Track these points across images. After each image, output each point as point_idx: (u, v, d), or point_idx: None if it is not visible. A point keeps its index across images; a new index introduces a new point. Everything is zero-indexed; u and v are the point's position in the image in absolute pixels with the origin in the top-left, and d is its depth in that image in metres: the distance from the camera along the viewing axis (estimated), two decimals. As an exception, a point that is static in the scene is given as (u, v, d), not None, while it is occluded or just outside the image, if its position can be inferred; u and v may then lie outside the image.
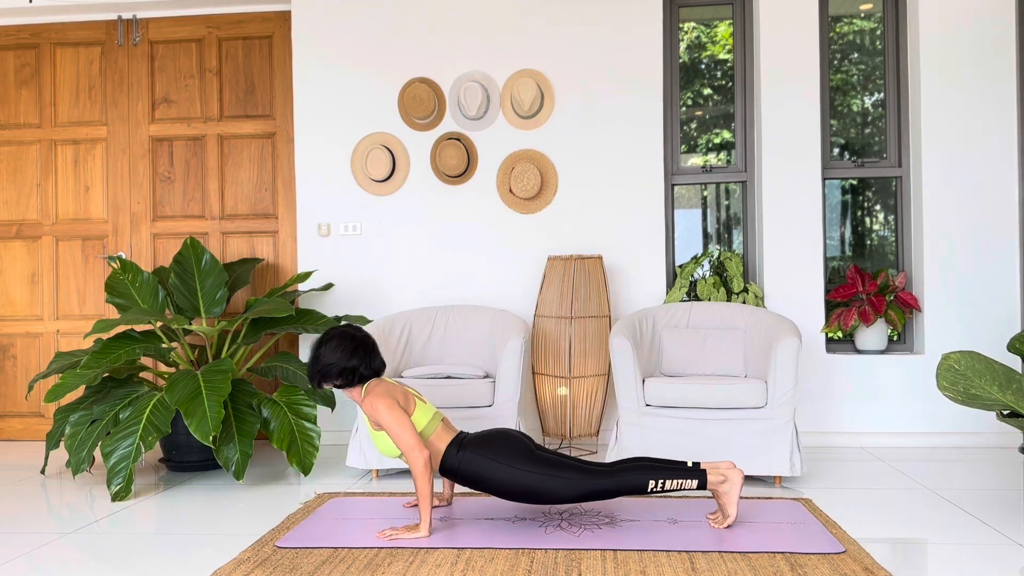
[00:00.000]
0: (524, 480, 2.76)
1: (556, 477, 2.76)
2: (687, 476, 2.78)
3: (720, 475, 2.81)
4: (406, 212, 4.56)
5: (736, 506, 2.80)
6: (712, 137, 4.68)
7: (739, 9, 4.57)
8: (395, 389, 2.88)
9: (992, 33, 4.30)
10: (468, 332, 4.12)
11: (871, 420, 4.34)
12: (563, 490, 2.77)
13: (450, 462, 2.84)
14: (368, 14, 4.56)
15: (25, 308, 4.90)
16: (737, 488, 2.80)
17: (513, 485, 2.77)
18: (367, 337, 2.94)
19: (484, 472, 2.79)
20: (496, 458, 2.78)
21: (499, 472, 2.77)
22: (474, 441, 2.85)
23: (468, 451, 2.81)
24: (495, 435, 2.87)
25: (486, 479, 2.79)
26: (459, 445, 2.85)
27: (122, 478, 3.37)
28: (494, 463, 2.78)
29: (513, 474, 2.76)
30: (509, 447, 2.81)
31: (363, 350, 2.89)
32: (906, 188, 4.49)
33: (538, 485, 2.76)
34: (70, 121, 4.87)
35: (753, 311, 3.91)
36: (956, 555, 2.60)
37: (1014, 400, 2.79)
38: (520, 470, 2.76)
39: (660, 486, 2.77)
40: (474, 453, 2.80)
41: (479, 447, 2.82)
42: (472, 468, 2.80)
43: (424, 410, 2.89)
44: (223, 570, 2.47)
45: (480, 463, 2.79)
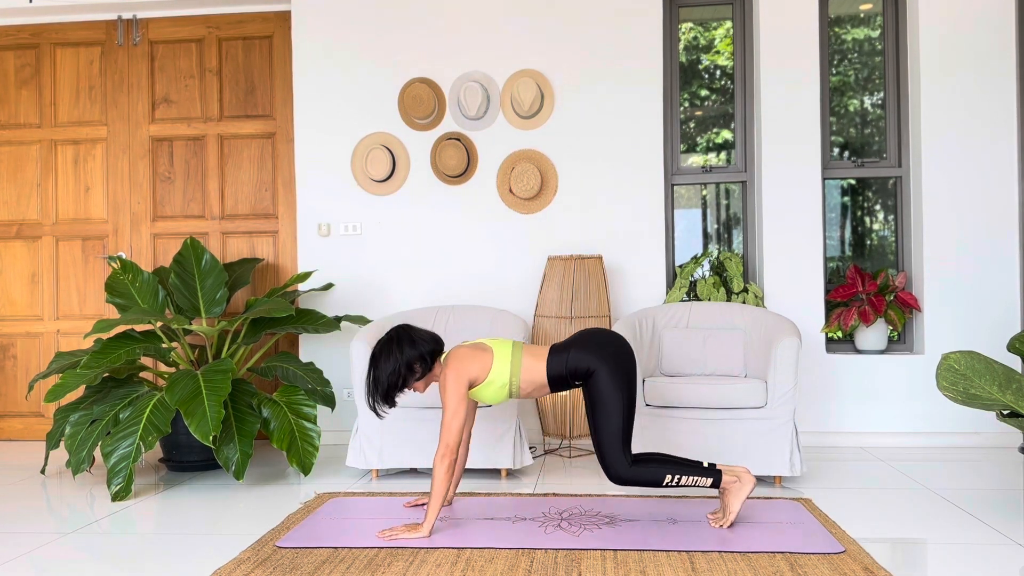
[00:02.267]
0: (609, 396, 2.79)
1: (620, 423, 2.79)
2: (703, 474, 2.80)
3: (733, 476, 2.83)
4: (406, 212, 4.56)
5: (739, 505, 2.81)
6: (712, 137, 4.68)
7: (739, 9, 4.57)
8: (470, 360, 2.84)
9: (992, 33, 4.30)
10: (468, 332, 4.11)
11: (871, 420, 4.34)
12: (610, 438, 2.79)
13: (555, 369, 2.85)
14: (368, 14, 4.56)
15: (25, 308, 4.90)
16: (747, 489, 2.81)
17: (600, 390, 2.80)
18: (402, 329, 2.89)
19: (589, 364, 2.81)
20: (603, 358, 2.82)
21: (601, 371, 2.80)
22: (578, 342, 2.87)
23: (573, 351, 2.84)
24: (601, 337, 2.90)
25: (588, 370, 2.82)
26: (563, 350, 2.87)
27: (122, 478, 3.37)
28: (601, 361, 2.81)
29: (605, 381, 2.80)
30: (616, 356, 2.84)
31: (407, 341, 2.85)
32: (906, 188, 4.49)
33: (609, 411, 2.79)
34: (70, 121, 4.87)
35: (753, 311, 3.91)
36: (956, 555, 2.60)
37: (1014, 400, 2.79)
38: (613, 384, 2.80)
39: (676, 481, 2.79)
40: (579, 352, 2.84)
41: (584, 347, 2.85)
42: (581, 364, 2.83)
43: (501, 346, 2.89)
44: (223, 570, 2.47)
45: (588, 359, 2.82)
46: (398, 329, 2.89)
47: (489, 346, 2.90)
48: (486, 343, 2.92)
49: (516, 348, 2.90)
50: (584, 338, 2.90)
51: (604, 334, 2.93)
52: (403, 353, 2.82)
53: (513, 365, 2.86)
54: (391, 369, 2.81)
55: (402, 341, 2.84)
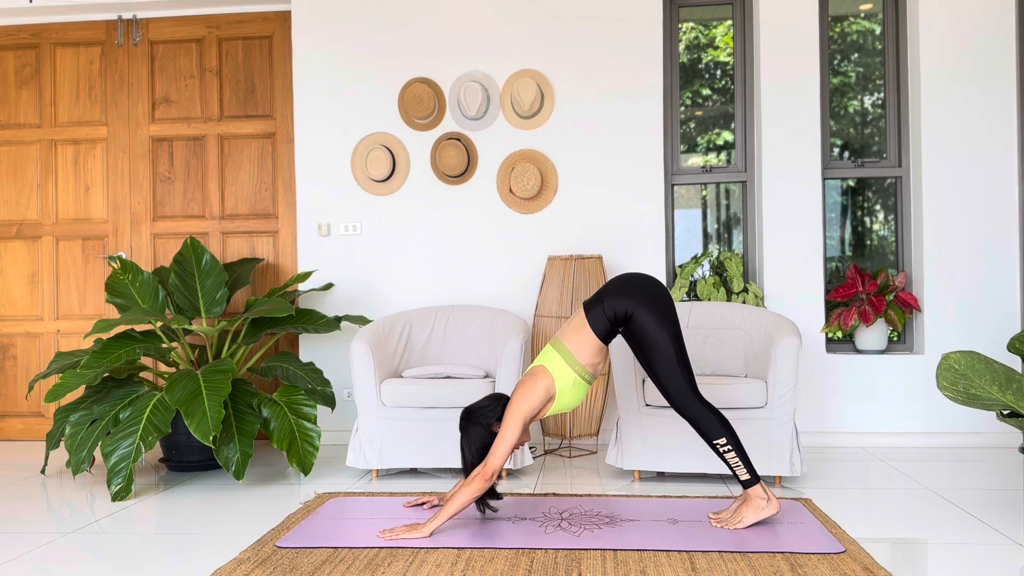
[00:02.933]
0: (656, 333, 2.81)
1: (675, 356, 2.81)
2: (748, 466, 2.81)
3: (765, 494, 2.83)
4: (406, 212, 4.56)
5: (753, 522, 2.81)
6: (712, 137, 4.68)
7: (739, 9, 4.57)
8: (530, 398, 2.84)
9: (992, 32, 4.30)
10: (468, 332, 4.12)
11: (871, 420, 4.34)
12: (669, 369, 2.81)
13: (599, 326, 2.86)
14: (368, 14, 4.56)
15: (25, 308, 4.90)
16: (768, 512, 2.82)
17: (644, 329, 2.82)
18: (466, 411, 2.94)
19: (626, 308, 2.83)
20: (638, 299, 2.84)
21: (639, 311, 2.82)
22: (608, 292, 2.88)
23: (606, 300, 2.85)
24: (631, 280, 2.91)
25: (627, 315, 2.84)
26: (595, 304, 2.87)
27: (122, 478, 3.37)
28: (637, 303, 2.83)
29: (647, 320, 2.81)
30: (650, 295, 2.85)
31: (473, 419, 2.90)
32: (906, 188, 4.49)
33: (662, 347, 2.81)
34: (70, 121, 4.87)
35: (753, 311, 3.91)
36: (956, 555, 2.60)
37: (1014, 400, 2.79)
38: (659, 322, 2.81)
39: (725, 449, 2.81)
40: (611, 299, 2.85)
41: (616, 293, 2.86)
42: (617, 310, 2.84)
43: (548, 356, 2.89)
44: (223, 570, 2.47)
45: (622, 303, 2.84)
46: (466, 411, 2.94)
47: (539, 365, 2.90)
48: (536, 365, 2.92)
49: (557, 343, 2.90)
50: (614, 285, 2.91)
51: (632, 276, 2.94)
52: (477, 432, 2.88)
53: (568, 361, 2.86)
54: (475, 449, 2.88)
55: (471, 421, 2.90)
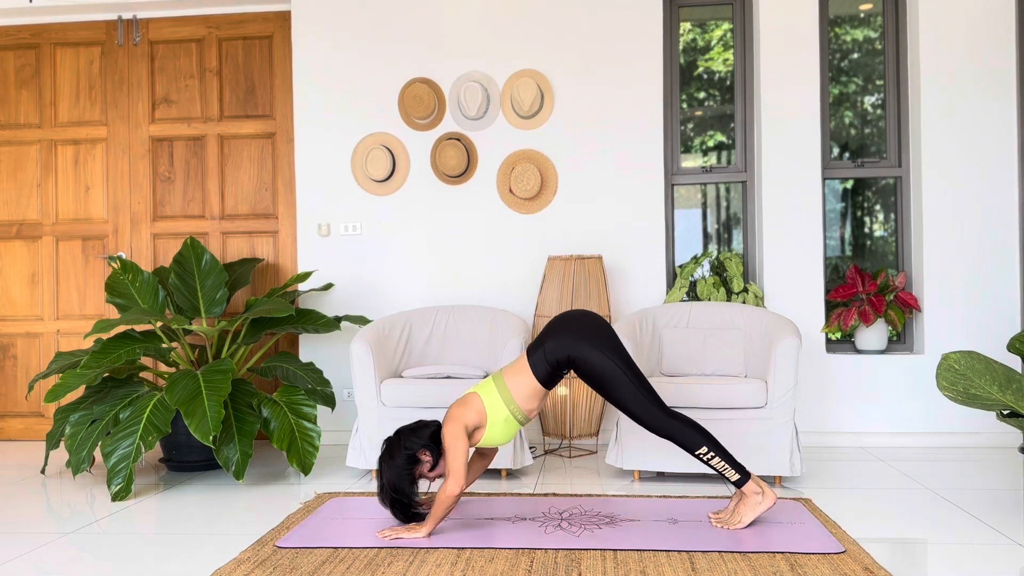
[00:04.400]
0: (603, 366, 2.81)
1: (631, 382, 2.81)
2: (734, 466, 2.81)
3: (760, 488, 2.83)
4: (406, 212, 4.56)
5: (753, 519, 2.81)
6: (712, 137, 4.68)
7: (739, 9, 4.57)
8: (465, 412, 2.82)
9: (992, 32, 4.30)
10: (468, 332, 4.12)
11: (871, 420, 4.34)
12: (631, 397, 2.81)
13: (540, 371, 2.85)
14: (368, 14, 4.56)
15: (25, 308, 4.90)
16: (766, 506, 2.81)
17: (592, 366, 2.82)
18: (390, 438, 2.87)
19: (568, 353, 2.83)
20: (577, 338, 2.83)
21: (582, 351, 2.82)
22: (547, 335, 2.87)
23: (547, 344, 2.85)
24: (567, 320, 2.91)
25: (570, 359, 2.83)
26: (537, 348, 2.86)
27: (122, 478, 3.37)
28: (577, 343, 2.82)
29: (592, 355, 2.81)
30: (589, 330, 2.85)
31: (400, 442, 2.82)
32: (906, 188, 4.49)
33: (614, 378, 2.81)
34: (70, 121, 4.87)
35: (753, 311, 3.91)
36: (956, 555, 2.60)
37: (1014, 400, 2.79)
38: (604, 355, 2.81)
39: (709, 457, 2.80)
40: (552, 343, 2.84)
41: (555, 336, 2.85)
42: (559, 355, 2.83)
43: (485, 387, 2.87)
44: (223, 570, 2.47)
45: (563, 347, 2.83)
46: (395, 434, 2.87)
47: (473, 393, 2.89)
48: (469, 392, 2.91)
49: (498, 378, 2.89)
50: (553, 327, 2.91)
51: (568, 317, 2.94)
52: (401, 451, 2.79)
53: (503, 395, 2.85)
54: (394, 473, 2.78)
55: (396, 443, 2.83)
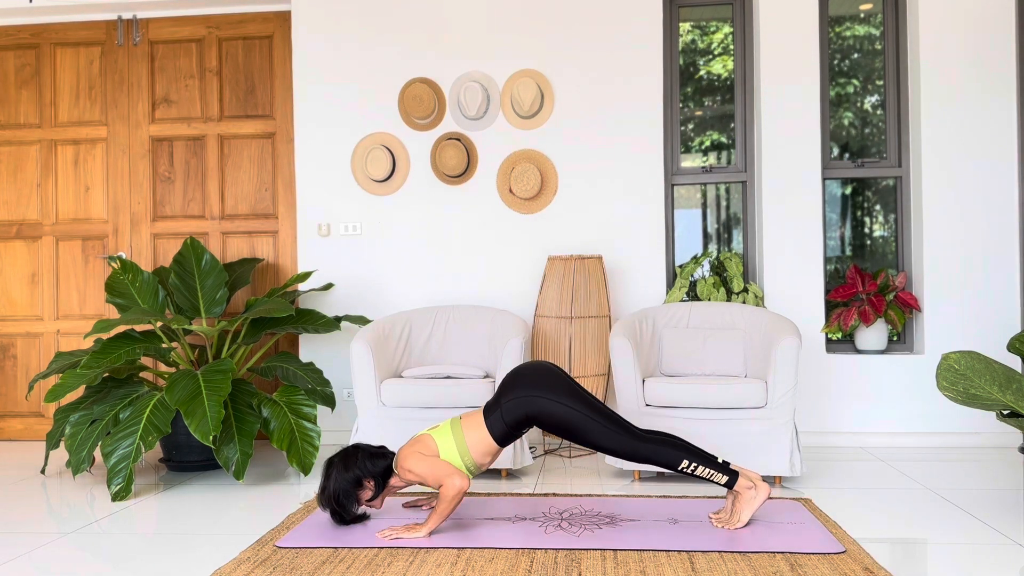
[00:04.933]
0: (565, 415, 2.79)
1: (596, 421, 2.79)
2: (719, 470, 2.80)
3: (750, 482, 2.82)
4: (406, 212, 4.56)
5: (751, 515, 2.81)
6: (712, 137, 4.68)
7: (739, 9, 4.57)
8: (415, 448, 2.83)
9: (992, 32, 4.30)
10: (468, 332, 4.12)
11: (871, 420, 4.34)
12: (600, 435, 2.79)
13: (498, 430, 2.83)
14: (368, 14, 4.56)
15: (25, 308, 4.90)
16: (761, 500, 2.81)
17: (554, 418, 2.80)
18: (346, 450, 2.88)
19: (526, 411, 2.80)
20: (533, 395, 2.80)
21: (540, 406, 2.79)
22: (502, 392, 2.86)
23: (504, 404, 2.82)
24: (521, 374, 2.88)
25: (529, 417, 2.81)
26: (493, 408, 2.84)
27: (122, 478, 3.37)
28: (533, 399, 2.80)
29: (553, 408, 2.79)
30: (544, 382, 2.83)
31: (355, 457, 2.84)
32: (906, 188, 4.49)
33: (578, 423, 2.79)
34: (70, 121, 4.87)
35: (753, 311, 3.91)
36: (956, 555, 2.60)
37: (1014, 400, 2.79)
38: (560, 404, 2.79)
39: (691, 469, 2.79)
40: (508, 402, 2.82)
41: (510, 393, 2.83)
42: (516, 414, 2.81)
43: (441, 431, 2.85)
44: (223, 570, 2.47)
45: (520, 405, 2.81)
46: (346, 449, 2.88)
47: (428, 435, 2.87)
48: (422, 434, 2.89)
49: (454, 425, 2.87)
50: (508, 384, 2.87)
51: (521, 372, 2.90)
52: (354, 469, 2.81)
53: (457, 441, 2.83)
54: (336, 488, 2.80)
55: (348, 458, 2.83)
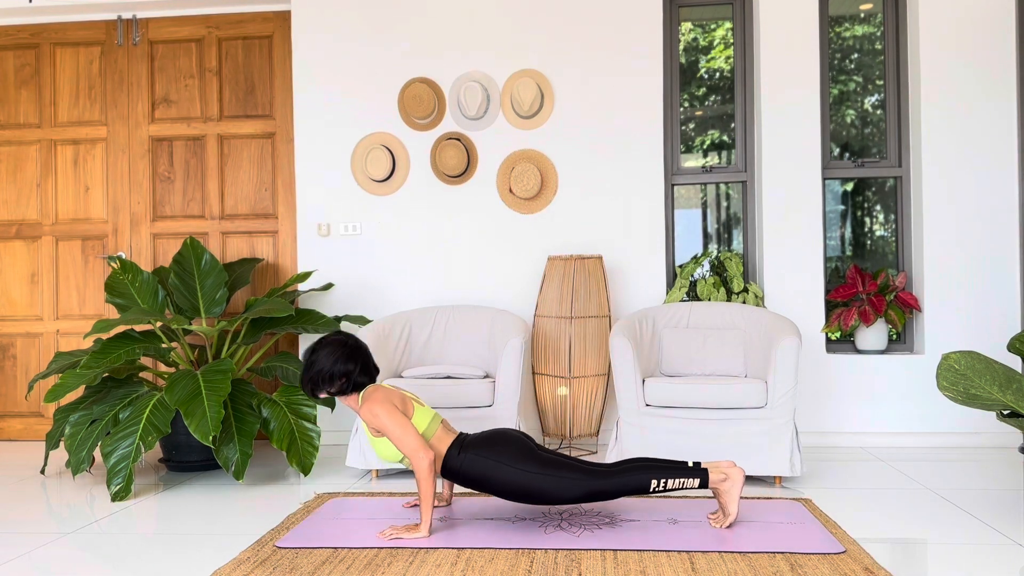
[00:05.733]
0: (526, 481, 2.76)
1: (558, 477, 2.76)
2: (689, 475, 2.78)
3: (721, 473, 2.81)
4: (406, 212, 4.56)
5: (737, 504, 2.81)
6: (712, 136, 4.68)
7: (739, 9, 4.57)
8: (392, 394, 2.88)
9: (992, 32, 4.30)
10: (468, 332, 4.12)
11: (871, 420, 4.34)
12: (565, 491, 2.77)
13: (452, 463, 2.83)
14: (368, 14, 4.56)
15: (25, 308, 4.90)
16: (738, 487, 2.80)
17: (515, 486, 2.77)
18: (360, 343, 2.92)
19: (486, 473, 2.78)
20: (498, 459, 2.78)
21: (501, 473, 2.77)
22: (475, 442, 2.84)
23: (470, 453, 2.81)
24: (496, 436, 2.86)
25: (488, 480, 2.79)
26: (460, 447, 2.84)
27: (122, 478, 3.37)
28: (496, 464, 2.77)
29: (515, 475, 2.76)
30: (511, 448, 2.80)
31: (357, 356, 2.87)
32: (906, 188, 4.49)
33: (540, 485, 2.76)
34: (70, 121, 4.87)
35: (753, 311, 3.91)
36: (956, 555, 2.60)
37: (1014, 400, 2.79)
38: (522, 471, 2.76)
39: (662, 485, 2.77)
40: (475, 454, 2.80)
41: (480, 448, 2.81)
42: (474, 469, 2.79)
43: (422, 413, 2.89)
44: (223, 570, 2.47)
45: (482, 464, 2.78)
46: (358, 342, 2.90)
47: (412, 403, 2.89)
48: (409, 398, 2.91)
49: (435, 421, 2.89)
50: (481, 441, 2.84)
51: (499, 436, 2.85)
52: (344, 363, 2.83)
53: (430, 426, 2.85)
54: (322, 367, 2.82)
55: (351, 355, 2.85)
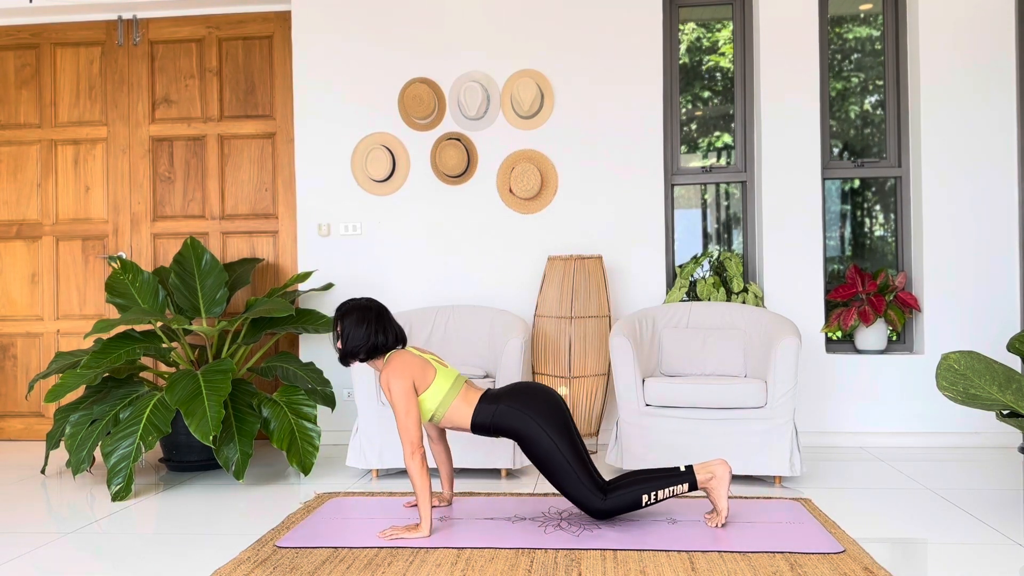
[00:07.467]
0: (549, 451, 2.79)
1: (572, 469, 2.78)
2: (677, 481, 2.80)
3: (708, 472, 2.82)
4: (406, 212, 4.56)
5: (726, 500, 2.81)
6: (713, 140, 4.68)
7: (739, 9, 4.57)
8: (414, 364, 2.87)
9: (992, 32, 4.30)
10: (468, 332, 4.12)
11: (871, 420, 4.34)
12: (570, 484, 2.79)
13: (482, 419, 2.86)
14: (368, 14, 4.56)
15: (25, 308, 4.90)
16: (724, 482, 2.81)
17: (538, 448, 2.80)
18: (382, 307, 2.98)
19: (515, 425, 2.82)
20: (532, 416, 2.81)
21: (531, 431, 2.80)
22: (505, 394, 2.88)
23: (502, 405, 2.84)
24: (525, 388, 2.90)
25: (518, 433, 2.83)
26: (490, 400, 2.87)
27: (122, 478, 3.37)
28: (530, 420, 2.81)
29: (541, 438, 2.79)
30: (541, 406, 2.84)
31: (382, 320, 2.93)
32: (906, 188, 4.49)
33: (556, 464, 2.79)
34: (70, 121, 4.87)
35: (753, 311, 3.91)
36: (956, 555, 2.60)
37: (1014, 400, 2.79)
38: (549, 438, 2.79)
39: (653, 498, 2.79)
40: (507, 407, 2.84)
41: (512, 400, 2.85)
42: (506, 422, 2.83)
43: (445, 375, 2.90)
44: (223, 570, 2.48)
45: (513, 416, 2.82)
46: (380, 306, 2.96)
47: (434, 367, 2.91)
48: (431, 362, 2.93)
49: (457, 382, 2.91)
50: (513, 393, 2.89)
51: (532, 390, 2.91)
52: (375, 333, 2.90)
53: (447, 396, 2.87)
54: (356, 338, 2.89)
55: (379, 319, 2.92)
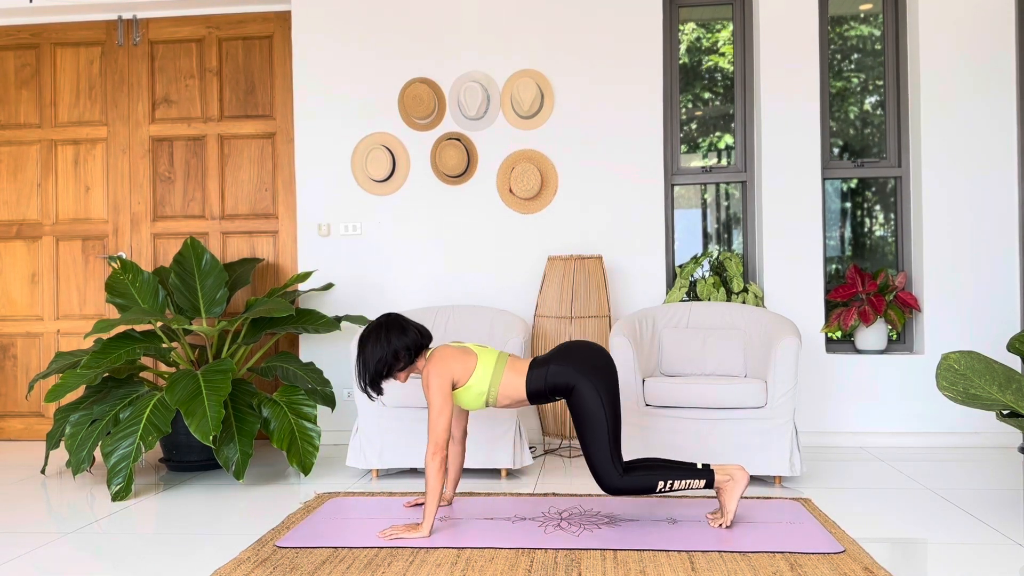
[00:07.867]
0: (594, 408, 2.79)
1: (608, 432, 2.78)
2: (695, 476, 2.80)
3: (727, 475, 2.83)
4: (406, 212, 4.56)
5: (735, 504, 2.81)
6: (713, 140, 4.68)
7: (739, 9, 4.57)
8: (454, 357, 2.86)
9: (992, 32, 4.30)
10: (468, 332, 4.11)
11: (871, 420, 4.34)
12: (599, 448, 2.79)
13: (536, 385, 2.86)
14: (368, 14, 4.56)
15: (25, 308, 4.90)
16: (740, 487, 2.81)
17: (586, 403, 2.79)
18: (391, 315, 2.92)
19: (570, 381, 2.82)
20: (586, 372, 2.81)
21: (583, 386, 2.80)
22: (558, 355, 2.88)
23: (552, 365, 2.85)
24: (582, 348, 2.90)
25: (568, 387, 2.82)
26: (543, 364, 2.87)
27: (122, 478, 3.37)
28: (581, 376, 2.81)
29: (591, 395, 2.79)
30: (598, 369, 2.84)
31: (393, 327, 2.87)
32: (906, 188, 4.49)
33: (596, 423, 2.79)
34: (70, 121, 4.87)
35: (753, 311, 3.91)
36: (956, 555, 2.60)
37: (1014, 400, 2.79)
38: (598, 396, 2.79)
39: (668, 486, 2.79)
40: (558, 366, 2.84)
41: (561, 360, 2.86)
42: (561, 379, 2.83)
43: (487, 356, 2.90)
44: (223, 570, 2.48)
45: (568, 374, 2.82)
46: (388, 316, 2.91)
47: (474, 352, 2.91)
48: (472, 348, 2.93)
49: (500, 359, 2.91)
50: (564, 352, 2.90)
51: (584, 347, 2.92)
52: (390, 342, 2.84)
53: (495, 376, 2.87)
54: (378, 356, 2.83)
55: (391, 328, 2.86)
